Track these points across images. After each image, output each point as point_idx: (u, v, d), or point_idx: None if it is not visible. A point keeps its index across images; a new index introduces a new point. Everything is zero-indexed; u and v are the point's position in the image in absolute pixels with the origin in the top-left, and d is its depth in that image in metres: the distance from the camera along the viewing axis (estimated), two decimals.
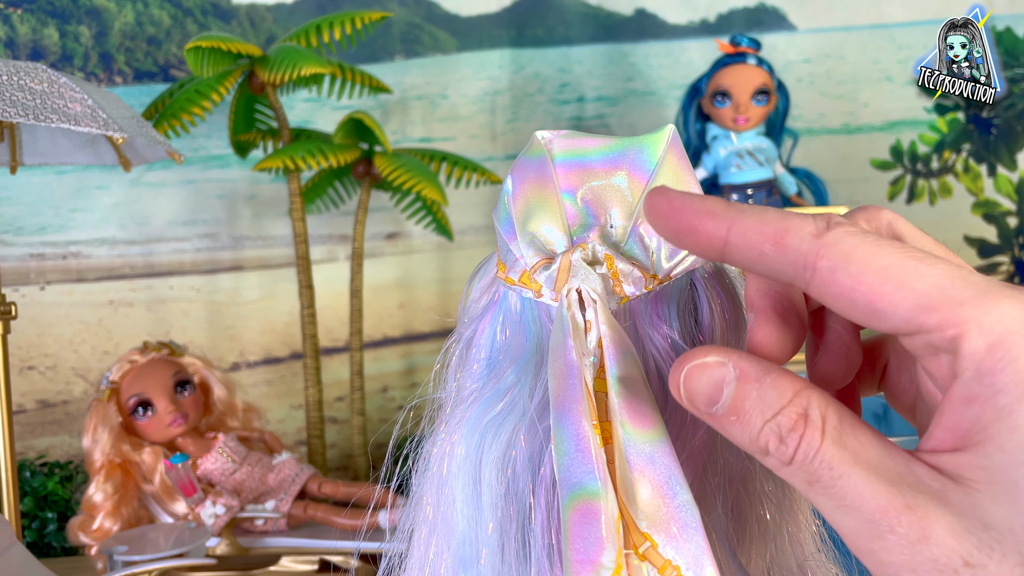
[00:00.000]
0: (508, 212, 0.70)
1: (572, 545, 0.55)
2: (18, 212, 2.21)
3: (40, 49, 2.20)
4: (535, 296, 0.69)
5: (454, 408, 0.65)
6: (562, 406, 0.63)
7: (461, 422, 0.61)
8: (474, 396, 0.63)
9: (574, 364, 0.63)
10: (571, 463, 0.59)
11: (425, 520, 0.62)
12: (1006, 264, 2.52)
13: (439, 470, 0.61)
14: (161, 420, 1.80)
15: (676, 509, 0.58)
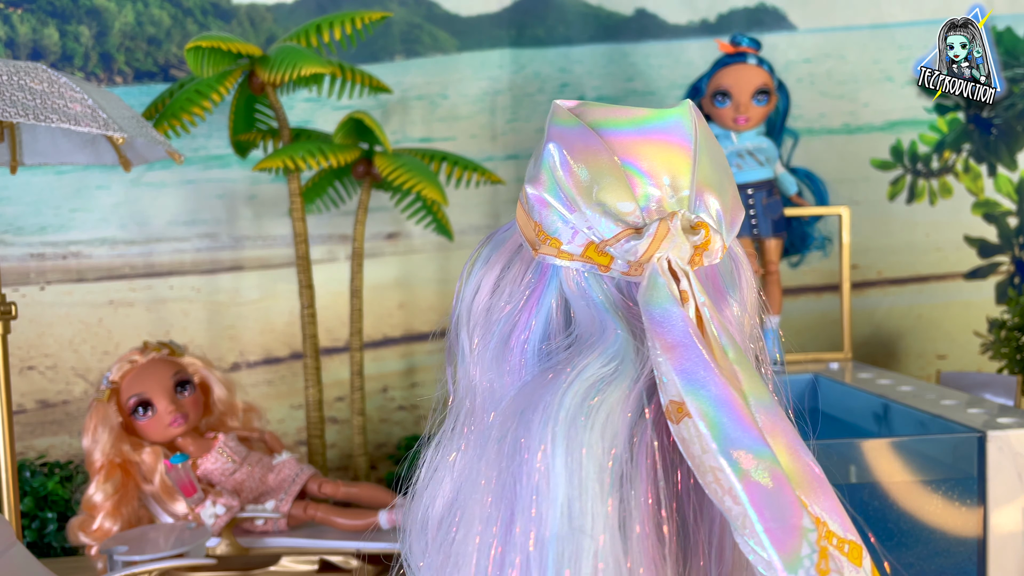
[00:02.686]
0: (561, 184, 0.71)
1: (762, 515, 0.57)
2: (18, 212, 2.21)
3: (40, 49, 2.20)
4: (601, 270, 0.70)
5: (516, 403, 0.63)
6: (693, 376, 0.63)
7: (549, 410, 0.61)
8: (546, 385, 0.62)
9: (694, 334, 0.63)
10: (732, 432, 0.61)
11: (495, 513, 0.61)
12: (1006, 264, 2.52)
13: (519, 461, 0.60)
14: (161, 420, 1.80)
15: (808, 468, 0.60)
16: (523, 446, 0.62)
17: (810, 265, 2.21)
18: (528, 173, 0.75)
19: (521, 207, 0.74)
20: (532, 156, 0.76)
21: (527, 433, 0.62)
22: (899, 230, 2.49)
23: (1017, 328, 2.16)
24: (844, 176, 2.43)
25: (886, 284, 2.51)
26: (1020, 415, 1.51)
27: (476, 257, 0.80)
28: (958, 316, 2.52)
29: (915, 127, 2.49)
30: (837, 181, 2.29)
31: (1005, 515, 1.42)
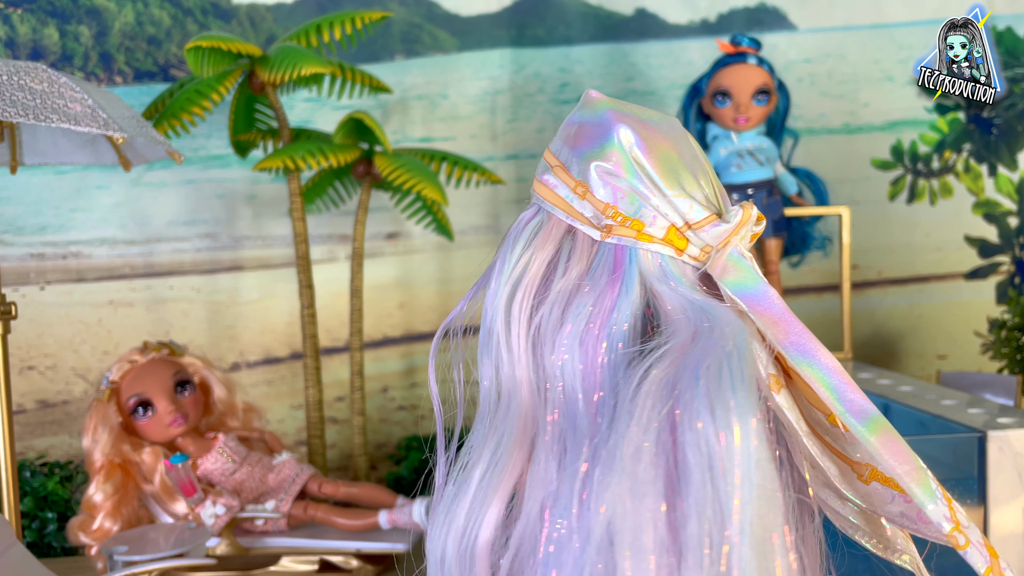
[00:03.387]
0: (642, 165, 0.76)
1: (896, 458, 0.68)
2: (18, 212, 2.21)
3: (40, 49, 2.20)
4: (676, 254, 0.76)
5: (663, 387, 0.66)
6: (803, 348, 0.71)
7: (723, 393, 0.63)
8: (698, 367, 0.65)
9: (786, 307, 0.72)
10: (848, 395, 0.70)
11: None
12: (1006, 264, 2.52)
13: (698, 447, 0.62)
14: (161, 420, 1.80)
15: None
16: (701, 432, 0.62)
17: (810, 265, 2.21)
18: (581, 152, 0.79)
19: (568, 191, 0.79)
20: (571, 137, 0.81)
21: (708, 417, 0.63)
22: (899, 230, 2.49)
23: (1017, 328, 2.16)
24: (844, 176, 2.43)
25: (886, 284, 2.51)
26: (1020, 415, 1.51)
27: (510, 250, 0.79)
28: (958, 316, 2.51)
29: (915, 127, 2.49)
30: (837, 181, 2.29)
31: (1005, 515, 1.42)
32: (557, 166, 0.82)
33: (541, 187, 0.82)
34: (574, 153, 0.81)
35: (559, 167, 0.81)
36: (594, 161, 0.79)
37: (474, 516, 0.72)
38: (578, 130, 0.83)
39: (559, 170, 0.81)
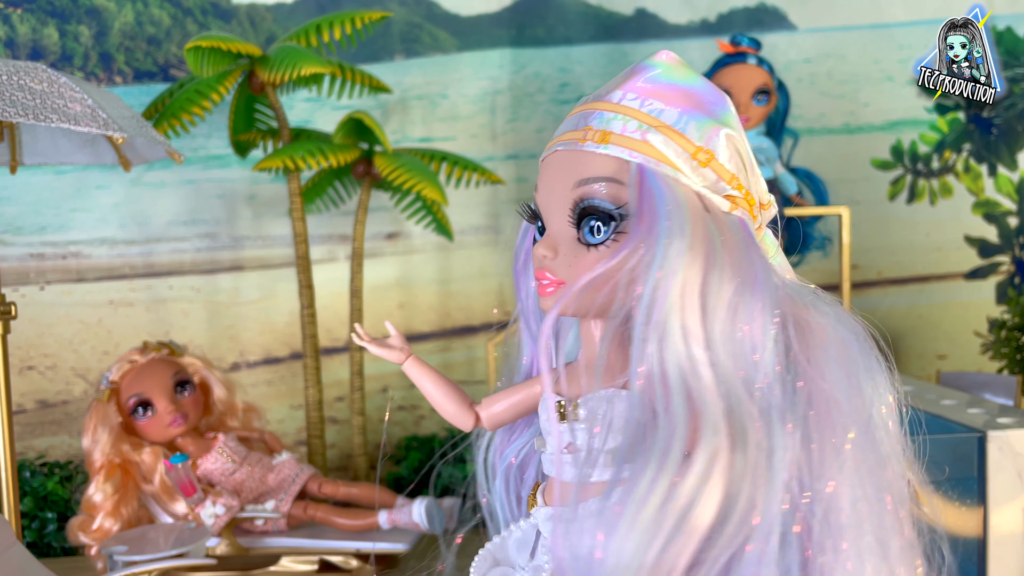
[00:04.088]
0: (746, 141, 0.88)
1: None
2: (18, 212, 2.21)
3: (40, 49, 2.20)
4: (756, 230, 0.90)
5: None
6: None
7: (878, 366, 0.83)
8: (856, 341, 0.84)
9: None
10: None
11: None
12: (1006, 264, 2.52)
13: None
14: (161, 420, 1.79)
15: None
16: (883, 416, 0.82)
17: (810, 265, 2.21)
18: (703, 118, 0.85)
19: (684, 157, 0.84)
20: (681, 100, 0.85)
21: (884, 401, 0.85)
22: (899, 230, 2.49)
23: (1017, 328, 2.16)
24: (844, 176, 2.43)
25: (886, 284, 2.51)
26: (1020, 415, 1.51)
27: (678, 232, 0.81)
28: (958, 316, 2.51)
29: (915, 127, 2.49)
30: (837, 181, 2.28)
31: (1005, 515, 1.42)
32: (663, 127, 0.85)
33: (645, 145, 0.84)
34: (693, 117, 0.86)
35: (668, 128, 0.85)
36: (723, 128, 0.86)
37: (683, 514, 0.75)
38: (691, 94, 0.87)
39: (670, 132, 0.85)
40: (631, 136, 0.85)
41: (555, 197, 0.88)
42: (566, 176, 0.87)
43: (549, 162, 0.91)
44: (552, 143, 0.91)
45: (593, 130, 0.86)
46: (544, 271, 0.89)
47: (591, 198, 0.85)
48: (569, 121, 0.91)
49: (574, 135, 0.88)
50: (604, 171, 0.85)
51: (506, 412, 1.00)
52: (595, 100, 0.89)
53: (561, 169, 0.88)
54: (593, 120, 0.87)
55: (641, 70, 0.88)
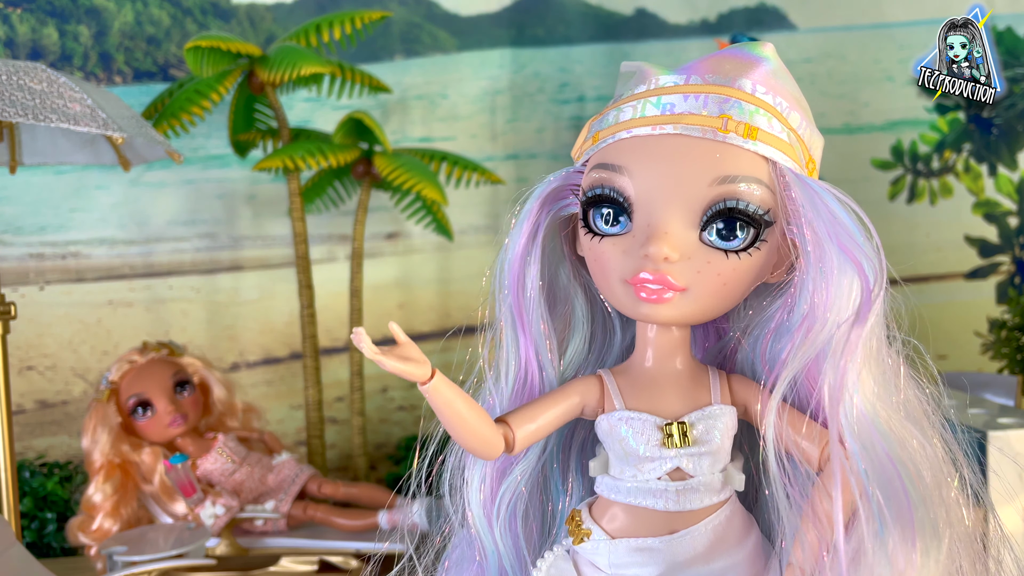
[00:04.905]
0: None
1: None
2: (17, 212, 2.21)
3: (39, 49, 2.20)
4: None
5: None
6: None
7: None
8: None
9: None
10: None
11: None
12: (1007, 264, 2.52)
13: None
14: (160, 420, 1.79)
15: None
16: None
17: None
18: (805, 107, 0.82)
19: (799, 150, 0.81)
20: (792, 90, 0.82)
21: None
22: (899, 230, 2.48)
23: (1017, 328, 2.15)
24: (844, 176, 2.42)
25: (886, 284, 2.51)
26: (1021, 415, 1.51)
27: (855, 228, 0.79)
28: (958, 316, 2.51)
29: (915, 127, 2.49)
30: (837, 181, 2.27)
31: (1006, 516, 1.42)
32: (793, 131, 0.82)
33: (789, 148, 0.81)
34: (808, 123, 0.83)
35: (796, 133, 0.82)
36: (821, 139, 0.86)
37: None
38: (799, 97, 0.84)
39: (797, 137, 0.82)
40: (777, 136, 0.80)
41: (677, 190, 0.78)
42: (700, 169, 0.78)
43: (662, 146, 0.80)
44: (657, 121, 0.81)
45: (734, 121, 0.78)
46: (663, 274, 0.78)
47: (738, 199, 0.77)
48: (688, 101, 0.81)
49: (708, 121, 0.78)
50: (755, 171, 0.78)
51: (540, 432, 0.86)
52: (721, 84, 0.81)
53: (688, 159, 0.78)
54: (732, 109, 0.79)
55: (757, 61, 0.82)
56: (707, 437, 0.82)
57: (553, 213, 0.90)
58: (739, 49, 0.83)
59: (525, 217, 0.89)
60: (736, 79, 0.80)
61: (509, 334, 0.90)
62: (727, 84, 0.80)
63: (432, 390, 0.78)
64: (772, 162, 0.79)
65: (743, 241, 0.78)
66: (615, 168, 0.81)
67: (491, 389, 0.90)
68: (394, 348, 0.78)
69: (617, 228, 0.81)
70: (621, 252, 0.81)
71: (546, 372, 0.90)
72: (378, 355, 0.75)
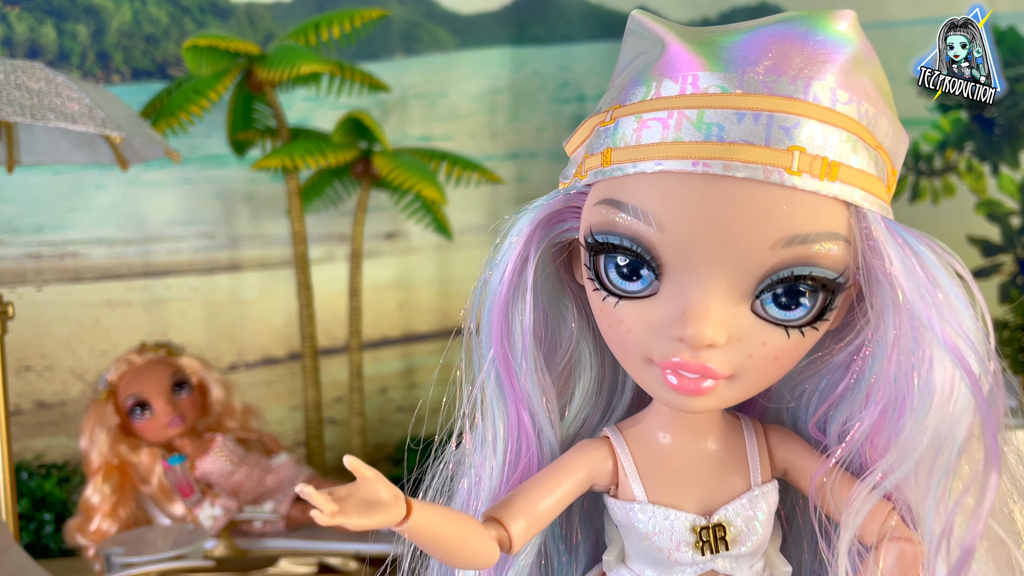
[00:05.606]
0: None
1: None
2: (15, 212, 2.20)
3: (37, 48, 2.19)
4: None
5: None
6: None
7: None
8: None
9: None
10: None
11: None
12: (1009, 264, 2.51)
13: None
14: (159, 421, 1.79)
15: None
16: None
17: None
18: (888, 108, 0.65)
19: (884, 173, 0.63)
20: (876, 85, 0.64)
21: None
22: None
23: (1020, 328, 2.14)
24: None
25: None
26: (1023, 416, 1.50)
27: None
28: None
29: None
30: None
31: None
32: (881, 148, 0.63)
33: (877, 183, 0.62)
34: (895, 126, 0.66)
35: (884, 151, 0.63)
36: (905, 139, 0.68)
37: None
38: (885, 87, 0.66)
39: (886, 156, 0.64)
40: (863, 169, 0.60)
41: (726, 254, 0.58)
42: (760, 227, 0.57)
43: (706, 192, 0.58)
44: (700, 154, 0.57)
45: (808, 155, 0.57)
46: (703, 363, 0.61)
47: (810, 265, 0.58)
48: (745, 123, 0.57)
49: (773, 157, 0.56)
50: (833, 223, 0.59)
51: (541, 522, 0.70)
52: (788, 96, 0.58)
53: (743, 212, 0.57)
54: (806, 136, 0.57)
55: (837, 48, 0.59)
56: (747, 533, 0.68)
57: (547, 241, 0.71)
58: (807, 26, 0.60)
59: (509, 251, 0.70)
60: (809, 83, 0.58)
61: (495, 394, 0.74)
62: (797, 94, 0.58)
63: (412, 529, 0.63)
64: (854, 206, 0.60)
65: (809, 312, 0.61)
66: (636, 214, 0.60)
67: (476, 464, 0.75)
68: (354, 490, 0.62)
69: (638, 286, 0.62)
70: (645, 325, 0.63)
71: (545, 435, 0.74)
72: (337, 517, 0.59)
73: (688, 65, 0.61)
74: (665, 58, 0.62)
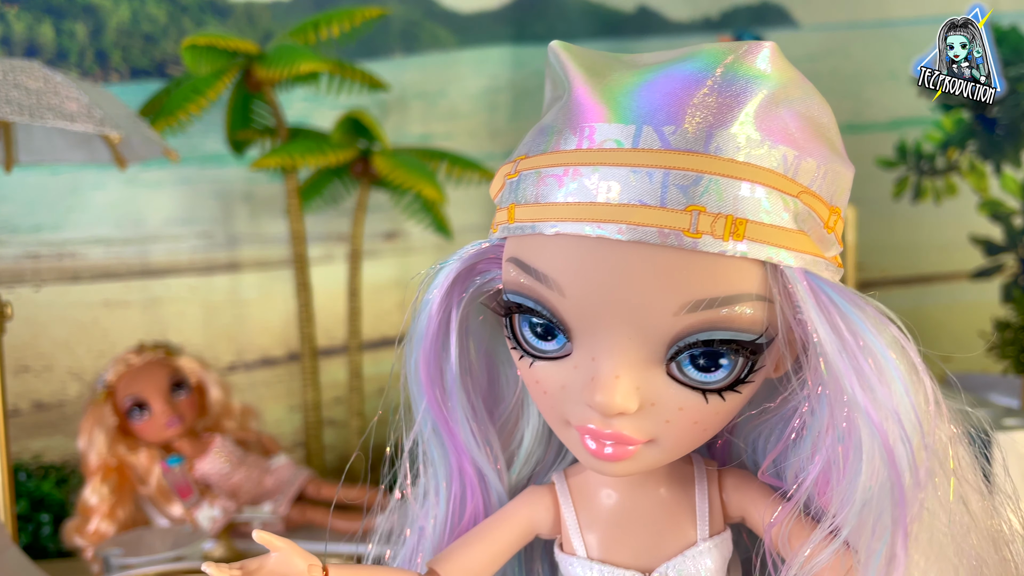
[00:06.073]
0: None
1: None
2: (13, 211, 2.19)
3: (35, 47, 2.19)
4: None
5: None
6: None
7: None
8: None
9: None
10: None
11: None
12: (1012, 264, 2.50)
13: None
14: (157, 422, 1.78)
15: None
16: None
17: None
18: (830, 158, 0.60)
19: (819, 227, 0.58)
20: (815, 133, 0.61)
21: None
22: (904, 230, 2.47)
23: (1022, 328, 2.14)
24: None
25: (890, 284, 2.49)
26: None
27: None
28: (963, 316, 2.49)
29: (920, 125, 2.47)
30: None
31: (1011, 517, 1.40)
32: (806, 193, 0.56)
33: (800, 237, 0.56)
34: (824, 160, 0.60)
35: (811, 195, 0.56)
36: (850, 171, 0.63)
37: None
38: (815, 122, 0.61)
39: (813, 199, 0.57)
40: (778, 224, 0.54)
41: (628, 321, 0.55)
42: (660, 293, 0.54)
43: (602, 257, 0.54)
44: (593, 215, 0.54)
45: (709, 214, 0.52)
46: (617, 431, 0.58)
47: (723, 329, 0.55)
48: (640, 181, 0.53)
49: (669, 219, 0.52)
50: (742, 284, 0.54)
51: (482, 575, 0.68)
52: (687, 151, 0.53)
53: (642, 279, 0.54)
54: (707, 194, 0.52)
55: (748, 91, 0.56)
56: None
57: (475, 290, 0.70)
58: (714, 67, 0.56)
59: (428, 306, 0.70)
60: (711, 133, 0.53)
61: (433, 443, 0.72)
62: (695, 147, 0.53)
63: None
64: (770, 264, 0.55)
65: (730, 374, 0.57)
66: (539, 276, 0.57)
67: (420, 516, 0.73)
68: (266, 562, 0.61)
69: (553, 346, 0.60)
70: (560, 387, 0.60)
71: (491, 483, 0.72)
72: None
73: (588, 114, 0.57)
74: (569, 105, 0.59)
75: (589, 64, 0.59)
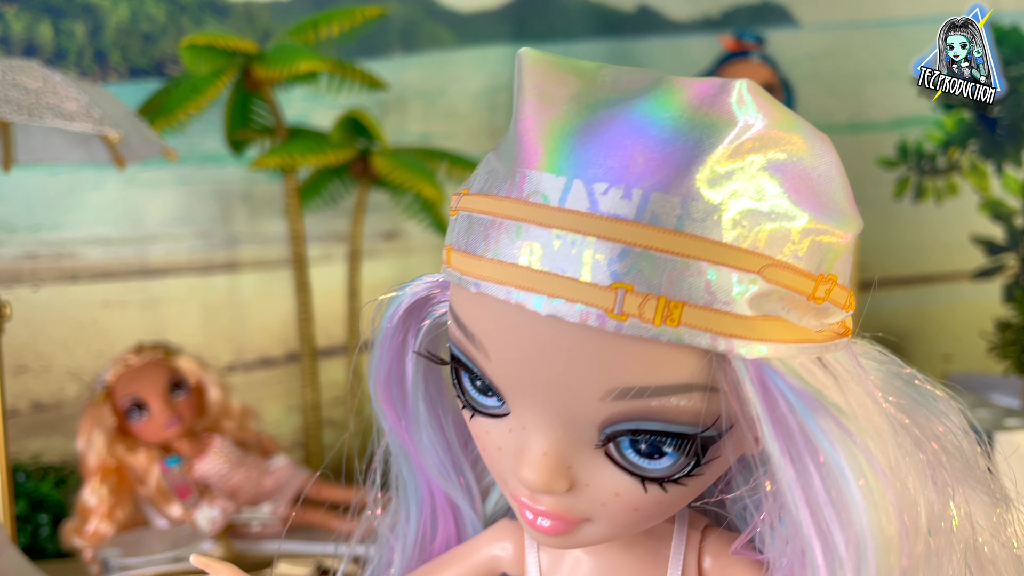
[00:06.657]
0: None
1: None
2: (11, 211, 2.19)
3: (34, 46, 2.18)
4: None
5: None
6: None
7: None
8: None
9: None
10: None
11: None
12: (1013, 264, 2.50)
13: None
14: (156, 422, 1.78)
15: None
16: None
17: None
18: (831, 213, 0.52)
19: (802, 301, 0.49)
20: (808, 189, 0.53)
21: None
22: (904, 229, 2.46)
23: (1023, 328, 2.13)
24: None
25: (892, 284, 2.49)
26: None
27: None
28: (964, 316, 2.49)
29: (921, 125, 2.46)
30: None
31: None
32: (774, 265, 0.46)
33: (754, 324, 0.46)
34: (810, 221, 0.49)
35: (779, 266, 0.46)
36: (851, 233, 0.53)
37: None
38: (799, 170, 0.53)
39: (783, 270, 0.47)
40: (728, 311, 0.45)
41: (553, 400, 0.49)
42: (580, 372, 0.47)
43: (522, 328, 0.47)
44: (512, 280, 0.47)
45: (636, 294, 0.44)
46: (548, 509, 0.53)
47: (654, 420, 0.47)
48: (561, 248, 0.45)
49: (591, 296, 0.44)
50: (678, 374, 0.46)
51: None
52: (605, 216, 0.45)
53: (562, 358, 0.47)
54: (634, 271, 0.44)
55: (709, 136, 0.46)
56: None
57: (430, 323, 0.66)
58: (665, 112, 0.47)
59: (383, 336, 0.67)
60: (647, 197, 0.45)
61: (403, 466, 0.70)
62: (627, 213, 0.44)
63: None
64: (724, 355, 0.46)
65: (675, 463, 0.49)
66: (467, 334, 0.52)
67: (390, 536, 0.70)
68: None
69: (493, 402, 0.54)
70: (497, 447, 0.55)
71: (462, 509, 0.68)
72: None
73: (523, 156, 0.50)
74: (511, 137, 0.52)
75: (544, 88, 0.53)
